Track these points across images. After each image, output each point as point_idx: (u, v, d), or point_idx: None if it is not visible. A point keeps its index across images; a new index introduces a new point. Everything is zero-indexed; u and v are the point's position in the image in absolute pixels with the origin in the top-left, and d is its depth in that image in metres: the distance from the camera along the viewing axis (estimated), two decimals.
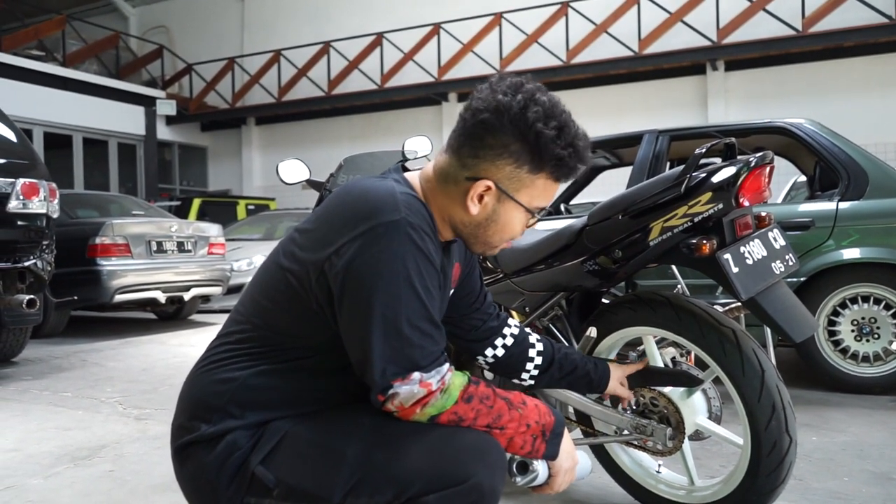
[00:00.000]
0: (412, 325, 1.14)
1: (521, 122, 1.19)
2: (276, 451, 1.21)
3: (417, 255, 1.17)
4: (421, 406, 1.15)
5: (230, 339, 1.30)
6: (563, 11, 12.05)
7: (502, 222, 1.28)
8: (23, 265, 4.30)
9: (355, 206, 1.20)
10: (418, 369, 1.14)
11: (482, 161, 1.22)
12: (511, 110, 1.19)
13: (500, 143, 1.21)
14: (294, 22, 15.54)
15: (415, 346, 1.14)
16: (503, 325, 1.63)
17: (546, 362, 1.64)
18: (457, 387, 1.18)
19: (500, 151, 1.21)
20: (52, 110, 12.64)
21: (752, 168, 1.68)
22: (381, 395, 1.15)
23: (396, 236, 1.15)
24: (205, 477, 1.23)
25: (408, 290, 1.14)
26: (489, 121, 1.20)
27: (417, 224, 1.18)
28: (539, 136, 1.19)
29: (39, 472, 2.62)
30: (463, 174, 1.24)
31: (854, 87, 10.76)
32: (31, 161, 4.53)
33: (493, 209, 1.26)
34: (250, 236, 9.75)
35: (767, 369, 1.68)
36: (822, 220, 3.57)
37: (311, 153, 13.86)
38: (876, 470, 2.46)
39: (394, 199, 1.18)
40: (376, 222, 1.16)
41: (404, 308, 1.14)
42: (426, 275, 1.18)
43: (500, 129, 1.20)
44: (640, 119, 10.30)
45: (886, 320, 3.50)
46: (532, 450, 1.25)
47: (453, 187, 1.26)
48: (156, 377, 4.49)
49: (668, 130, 4.00)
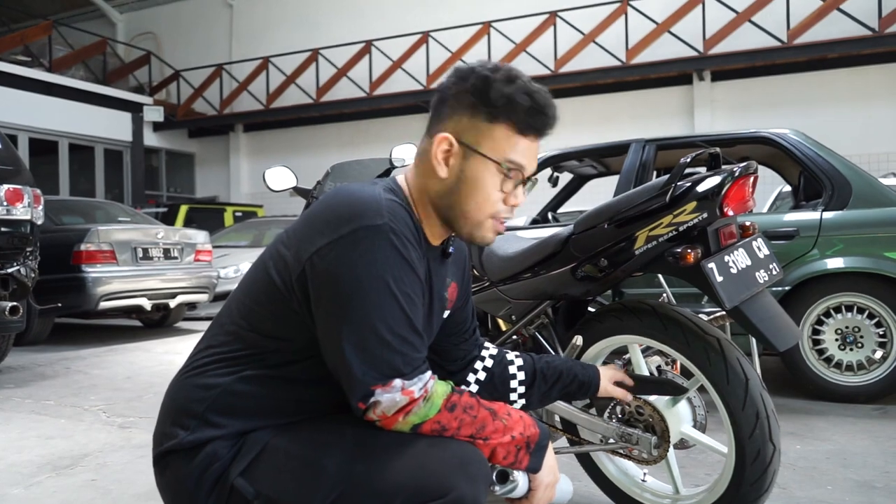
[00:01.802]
0: (392, 331, 1.13)
1: (471, 76, 1.25)
2: (257, 462, 1.20)
3: (399, 261, 1.16)
4: (404, 414, 1.14)
5: (214, 343, 1.29)
6: (551, 21, 12.12)
7: (470, 181, 1.25)
8: (6, 272, 4.27)
9: (339, 209, 1.19)
10: (400, 376, 1.13)
11: (443, 122, 1.27)
12: (464, 71, 1.27)
13: (457, 101, 1.26)
14: (283, 29, 15.54)
15: (396, 352, 1.13)
16: (481, 348, 1.61)
17: (529, 376, 1.58)
18: (440, 395, 1.17)
19: (455, 107, 1.26)
20: (38, 116, 12.56)
21: (736, 178, 1.69)
22: (362, 403, 1.13)
23: (378, 241, 1.15)
24: (184, 487, 1.22)
25: (388, 297, 1.14)
26: (448, 84, 1.28)
27: (400, 230, 1.17)
28: (487, 81, 1.24)
29: (21, 482, 2.59)
30: (428, 140, 1.29)
31: (838, 99, 10.88)
32: (16, 167, 4.49)
33: (461, 168, 1.26)
34: (237, 243, 9.72)
35: (752, 378, 1.69)
36: (806, 230, 3.60)
37: (299, 160, 13.83)
38: (859, 478, 2.47)
39: (377, 204, 1.18)
40: (358, 225, 1.15)
41: (384, 314, 1.13)
42: (407, 282, 1.17)
43: (456, 90, 1.26)
44: (627, 128, 10.37)
45: (870, 329, 3.53)
46: (515, 461, 1.23)
47: (424, 159, 1.29)
48: (140, 385, 4.45)
49: (655, 140, 4.03)
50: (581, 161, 4.54)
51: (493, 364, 1.59)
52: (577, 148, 4.34)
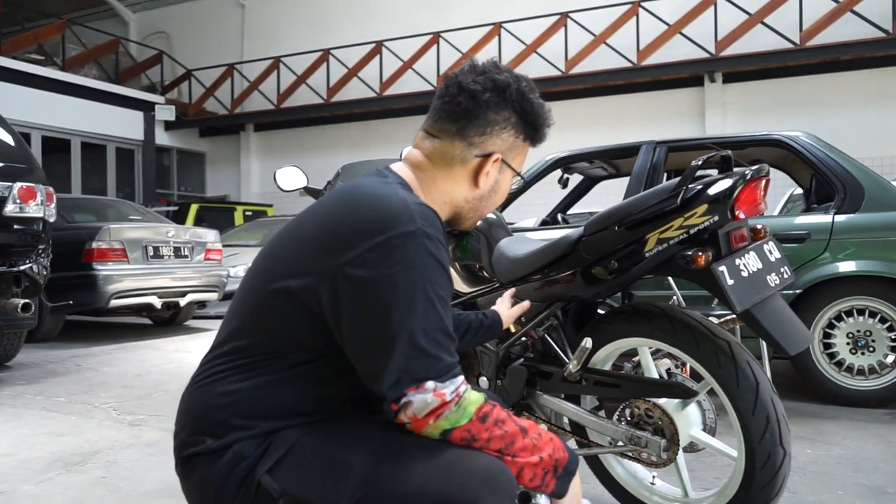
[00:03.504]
0: (428, 336, 1.13)
1: (518, 96, 1.32)
2: (284, 460, 1.19)
3: (433, 264, 1.16)
4: (434, 417, 1.13)
5: (225, 351, 1.28)
6: (562, 22, 12.11)
7: (501, 191, 1.41)
8: (18, 269, 4.30)
9: (366, 215, 1.18)
10: (433, 379, 1.13)
11: (489, 137, 1.33)
12: (510, 87, 1.32)
13: (503, 117, 1.32)
14: (294, 29, 15.59)
15: (430, 356, 1.13)
16: None
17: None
18: (473, 403, 1.16)
19: (504, 125, 1.33)
20: (51, 114, 12.65)
21: (748, 181, 1.68)
22: (394, 405, 1.13)
23: (413, 247, 1.14)
24: (211, 486, 1.21)
25: (424, 301, 1.13)
26: (492, 99, 1.31)
27: (433, 234, 1.17)
28: (532, 106, 1.34)
29: (31, 478, 2.61)
30: (472, 152, 1.33)
31: (851, 101, 10.82)
32: (29, 165, 4.53)
33: (496, 180, 1.38)
34: (247, 242, 9.75)
35: (762, 381, 1.68)
36: (818, 233, 3.58)
37: (309, 160, 13.89)
38: (870, 483, 2.45)
39: (408, 209, 1.18)
40: (393, 233, 1.14)
41: (421, 319, 1.13)
42: (441, 284, 1.17)
43: (502, 105, 1.32)
44: (638, 130, 10.34)
45: (882, 333, 3.50)
46: (541, 484, 1.20)
47: (460, 168, 1.34)
48: (150, 383, 4.47)
49: (666, 142, 4.01)
50: (591, 163, 4.53)
51: None
52: (587, 149, 4.33)
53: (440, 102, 1.34)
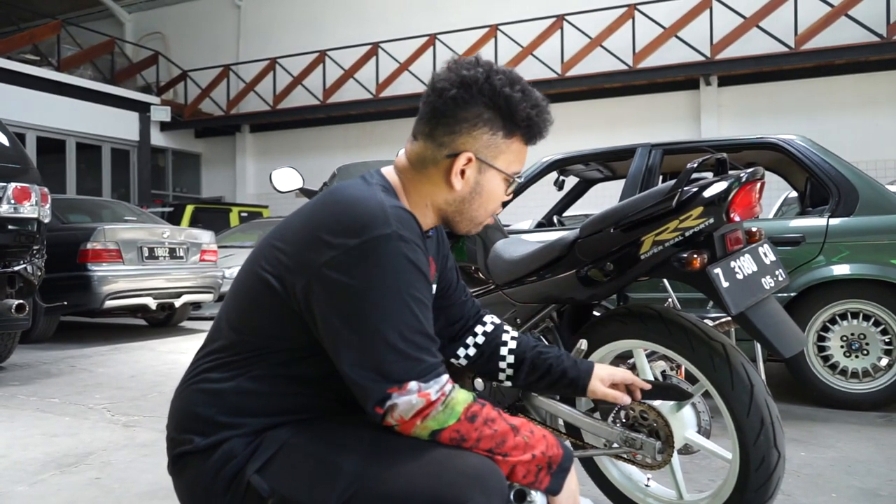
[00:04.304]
0: (406, 338, 1.13)
1: (489, 90, 1.25)
2: (274, 460, 1.19)
3: (409, 267, 1.16)
4: (421, 418, 1.13)
5: (214, 348, 1.29)
6: (558, 25, 12.12)
7: (486, 193, 1.32)
8: (12, 270, 4.28)
9: (343, 217, 1.18)
10: (415, 380, 1.12)
11: (459, 136, 1.27)
12: (478, 81, 1.25)
13: (473, 114, 1.25)
14: (290, 30, 15.58)
15: (411, 358, 1.13)
16: (477, 322, 1.62)
17: (517, 362, 1.58)
18: (460, 402, 1.16)
19: (474, 122, 1.26)
20: (46, 115, 12.61)
21: (743, 183, 1.69)
22: (379, 408, 1.13)
23: (388, 250, 1.14)
24: (201, 485, 1.22)
25: (400, 304, 1.14)
26: (459, 95, 1.25)
27: (408, 237, 1.17)
28: (508, 100, 1.25)
29: (25, 479, 2.60)
30: (442, 153, 1.28)
31: (845, 105, 10.86)
32: (24, 165, 4.52)
33: (476, 181, 1.30)
34: (243, 243, 9.74)
35: (756, 384, 1.69)
36: (812, 236, 3.59)
37: (305, 161, 13.88)
38: (863, 486, 2.46)
39: (384, 212, 1.18)
40: (368, 237, 1.15)
41: (398, 322, 1.13)
42: (418, 286, 1.17)
43: (471, 101, 1.25)
44: (634, 132, 10.36)
45: (875, 337, 3.51)
46: (535, 481, 1.19)
47: (433, 169, 1.29)
48: (145, 384, 4.46)
49: (661, 144, 4.02)
50: (587, 165, 4.54)
51: (484, 342, 1.61)
52: (583, 152, 4.34)
53: (420, 104, 1.32)
